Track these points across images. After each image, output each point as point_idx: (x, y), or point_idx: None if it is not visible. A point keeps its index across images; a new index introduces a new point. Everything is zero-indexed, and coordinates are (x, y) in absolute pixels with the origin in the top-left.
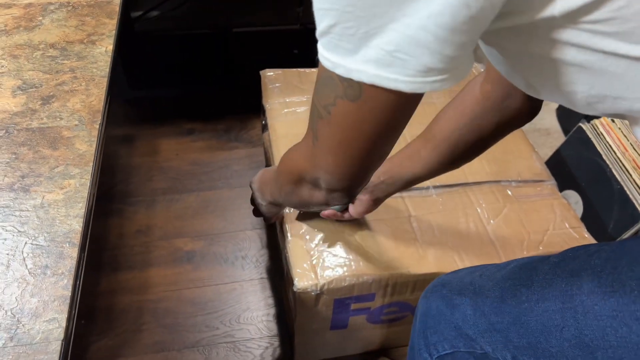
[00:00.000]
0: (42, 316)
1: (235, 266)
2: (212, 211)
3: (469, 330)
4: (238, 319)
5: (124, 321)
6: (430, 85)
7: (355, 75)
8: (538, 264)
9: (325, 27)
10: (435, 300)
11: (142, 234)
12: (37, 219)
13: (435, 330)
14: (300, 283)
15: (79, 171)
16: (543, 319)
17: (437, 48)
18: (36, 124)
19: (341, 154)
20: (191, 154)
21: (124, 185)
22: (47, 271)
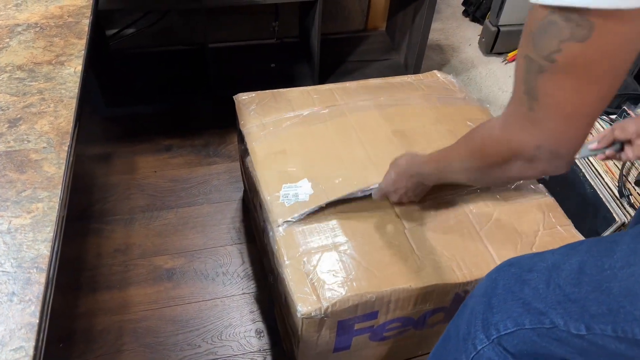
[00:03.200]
0: (8, 345)
1: (216, 282)
2: (191, 227)
3: (539, 304)
4: (220, 336)
5: (103, 342)
6: None
7: (592, 3)
8: (617, 237)
9: None
10: (502, 279)
11: (120, 253)
12: (4, 245)
13: (500, 309)
14: (303, 308)
15: (47, 194)
16: (628, 283)
17: None
18: (3, 147)
19: (574, 107)
20: (170, 170)
21: (102, 204)
22: (14, 298)
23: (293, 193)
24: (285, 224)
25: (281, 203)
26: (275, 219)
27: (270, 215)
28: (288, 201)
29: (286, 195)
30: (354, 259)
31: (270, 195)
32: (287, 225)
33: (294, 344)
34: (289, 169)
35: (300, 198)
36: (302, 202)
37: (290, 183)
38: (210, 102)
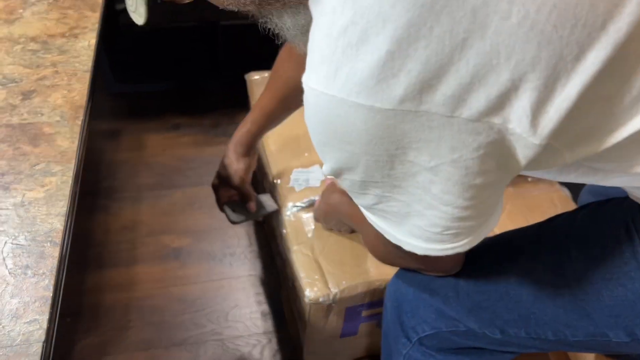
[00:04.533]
0: (22, 317)
1: (223, 263)
2: (199, 208)
3: (451, 312)
4: (226, 317)
5: (110, 319)
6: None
7: (406, 247)
8: (516, 240)
9: (366, 204)
10: (411, 286)
11: (128, 231)
12: (18, 218)
13: (414, 314)
14: (311, 294)
15: (61, 168)
16: (534, 290)
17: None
18: (16, 119)
19: (415, 267)
20: (178, 149)
21: (110, 181)
22: (28, 271)
23: (304, 178)
24: (294, 209)
25: (291, 187)
26: (285, 203)
27: (279, 199)
28: (298, 186)
29: (297, 180)
30: (363, 247)
31: (280, 179)
32: (296, 210)
33: (300, 329)
34: (300, 153)
35: (310, 183)
36: (312, 188)
37: (302, 168)
38: (220, 81)
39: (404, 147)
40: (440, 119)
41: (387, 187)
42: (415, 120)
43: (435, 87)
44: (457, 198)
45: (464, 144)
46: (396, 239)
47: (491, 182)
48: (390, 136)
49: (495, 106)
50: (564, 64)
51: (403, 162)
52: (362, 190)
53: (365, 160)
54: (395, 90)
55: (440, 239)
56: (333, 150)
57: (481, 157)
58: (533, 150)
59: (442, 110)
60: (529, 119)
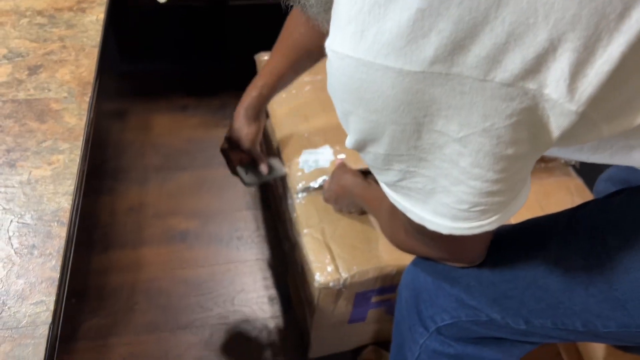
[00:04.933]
0: (28, 298)
1: (230, 247)
2: (207, 190)
3: (472, 301)
4: (232, 300)
5: (115, 300)
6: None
7: (430, 226)
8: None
9: (389, 181)
10: (430, 274)
11: (134, 212)
12: (24, 196)
13: (433, 303)
14: (321, 278)
15: (68, 146)
16: (565, 279)
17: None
18: (23, 95)
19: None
20: (185, 130)
21: (116, 162)
22: (34, 251)
23: (313, 159)
24: (304, 191)
25: (300, 169)
26: (294, 185)
27: (288, 181)
28: (308, 167)
29: (306, 161)
30: (375, 231)
31: (290, 160)
32: (306, 193)
33: (308, 314)
34: (309, 134)
35: (320, 164)
36: (322, 169)
37: (311, 149)
38: (229, 62)
39: (432, 115)
40: (473, 83)
41: (413, 161)
42: (446, 85)
43: (468, 48)
44: (487, 171)
45: (497, 110)
46: (420, 218)
47: (522, 154)
48: (418, 102)
49: (531, 69)
50: (607, 23)
51: (430, 132)
52: (386, 165)
53: (391, 130)
54: (426, 51)
55: (467, 216)
56: (358, 120)
57: (513, 125)
58: (568, 119)
59: (474, 74)
60: (567, 82)
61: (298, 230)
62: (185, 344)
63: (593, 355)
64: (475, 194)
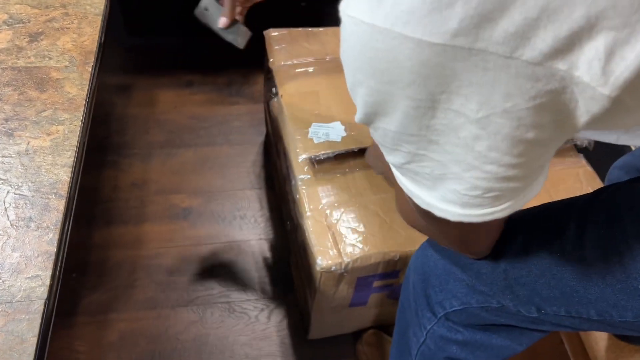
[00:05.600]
0: (23, 272)
1: (232, 225)
2: (210, 168)
3: (483, 287)
4: (234, 279)
5: (116, 276)
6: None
7: (437, 212)
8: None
9: (397, 162)
10: (441, 259)
11: (137, 188)
12: (21, 167)
13: (442, 288)
14: (323, 262)
15: (69, 117)
16: (581, 267)
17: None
18: (22, 62)
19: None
20: (190, 107)
21: (119, 137)
22: (31, 224)
23: (324, 132)
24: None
25: (310, 139)
26: (301, 154)
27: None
28: (317, 138)
29: (316, 132)
30: (378, 216)
31: (298, 130)
32: (313, 165)
33: (309, 295)
34: (320, 111)
35: (331, 137)
36: (332, 142)
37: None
38: None
39: (451, 92)
40: (497, 60)
41: (423, 143)
42: (468, 60)
43: (496, 22)
44: (504, 155)
45: (520, 90)
46: (427, 204)
47: (543, 139)
48: (437, 77)
49: (562, 48)
50: None
51: (446, 111)
52: (394, 144)
53: (405, 106)
54: (449, 22)
55: (479, 202)
56: (369, 91)
57: (536, 107)
58: (600, 104)
59: (500, 50)
60: (601, 64)
61: (301, 212)
62: (185, 321)
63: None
64: (489, 179)
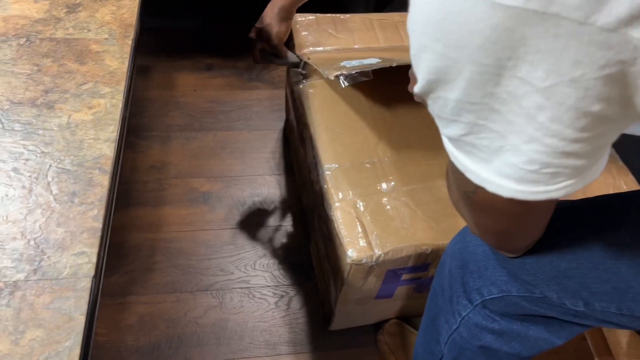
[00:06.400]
0: (69, 249)
1: (252, 211)
2: (230, 152)
3: (526, 277)
4: (254, 265)
5: (134, 258)
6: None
7: (490, 187)
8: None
9: (454, 134)
10: (480, 245)
11: (156, 171)
12: (63, 140)
13: (481, 274)
14: (354, 254)
15: (110, 90)
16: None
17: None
18: (61, 34)
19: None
20: (209, 90)
21: (138, 118)
22: (75, 199)
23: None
24: (346, 79)
25: (342, 66)
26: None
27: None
28: (350, 64)
29: (349, 62)
30: (410, 208)
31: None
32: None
33: (334, 287)
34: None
35: (365, 62)
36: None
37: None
38: None
39: (518, 59)
40: (570, 26)
41: (484, 112)
42: (540, 25)
43: None
44: (567, 127)
45: (590, 59)
46: (481, 179)
47: (608, 115)
48: (506, 41)
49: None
50: None
51: (512, 79)
52: (454, 115)
53: (470, 72)
54: None
55: (536, 178)
56: (434, 56)
57: (605, 78)
58: None
59: (574, 15)
60: None
61: (329, 202)
62: (204, 305)
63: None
64: (549, 153)
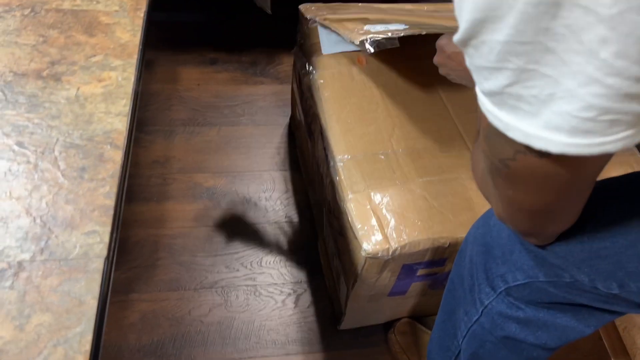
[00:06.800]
0: (79, 227)
1: (258, 207)
2: (234, 147)
3: (555, 260)
4: (260, 262)
5: (137, 255)
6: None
7: (537, 144)
8: None
9: (497, 87)
10: (504, 229)
11: (159, 165)
12: (71, 114)
13: (506, 260)
14: (369, 247)
15: (121, 63)
16: None
17: None
18: (68, 4)
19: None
20: (214, 85)
21: (141, 112)
22: (84, 175)
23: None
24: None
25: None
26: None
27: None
28: (374, 28)
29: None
30: (426, 200)
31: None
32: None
33: (345, 284)
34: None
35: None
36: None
37: None
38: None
39: None
40: None
41: (536, 54)
42: None
43: None
44: (633, 64)
45: None
46: (525, 136)
47: None
48: None
49: None
50: None
51: (572, 9)
52: (500, 61)
53: (523, 4)
54: None
55: (591, 127)
56: None
57: None
58: None
59: None
60: None
61: (342, 195)
62: (209, 303)
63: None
64: (609, 97)
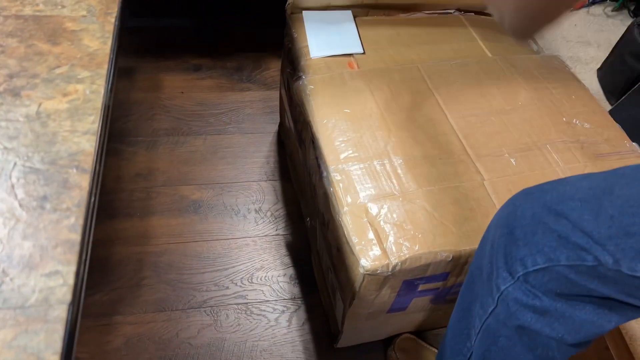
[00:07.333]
0: (38, 268)
1: (247, 219)
2: (221, 157)
3: (580, 239)
4: (250, 278)
5: (121, 274)
6: None
7: None
8: None
9: None
10: (530, 208)
11: (142, 179)
12: (31, 133)
13: (527, 241)
14: (368, 263)
15: (89, 74)
16: None
17: None
18: (29, 10)
19: None
20: (198, 92)
21: (122, 123)
22: (46, 204)
23: None
24: None
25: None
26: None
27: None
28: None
29: None
30: (427, 211)
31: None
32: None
33: (341, 300)
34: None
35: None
36: None
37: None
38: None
39: None
40: None
41: None
42: None
43: None
44: None
45: None
46: None
47: None
48: None
49: None
50: None
51: None
52: None
53: None
54: None
55: None
56: None
57: None
58: None
59: None
60: None
61: (336, 207)
62: (198, 324)
63: None
64: None
